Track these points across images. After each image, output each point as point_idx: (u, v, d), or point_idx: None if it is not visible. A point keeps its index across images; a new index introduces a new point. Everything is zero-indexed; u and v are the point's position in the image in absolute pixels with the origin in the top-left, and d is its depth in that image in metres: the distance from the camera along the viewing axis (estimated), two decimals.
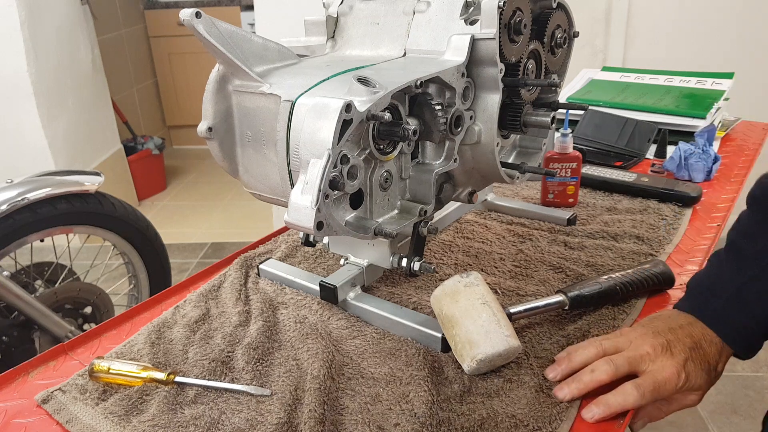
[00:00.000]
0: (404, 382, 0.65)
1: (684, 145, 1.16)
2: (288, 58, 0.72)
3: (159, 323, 0.78)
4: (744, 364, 1.89)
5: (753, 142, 1.36)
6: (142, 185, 3.51)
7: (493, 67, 0.69)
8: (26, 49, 2.46)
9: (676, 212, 1.01)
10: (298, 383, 0.65)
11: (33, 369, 0.73)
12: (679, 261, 0.87)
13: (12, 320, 1.41)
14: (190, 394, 0.65)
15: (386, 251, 0.77)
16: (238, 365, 0.69)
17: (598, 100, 1.41)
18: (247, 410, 0.62)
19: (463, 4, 0.70)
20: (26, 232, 1.41)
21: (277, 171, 0.66)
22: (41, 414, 0.65)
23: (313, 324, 0.75)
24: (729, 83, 1.41)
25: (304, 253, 0.95)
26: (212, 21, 0.62)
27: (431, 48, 0.72)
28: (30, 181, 1.43)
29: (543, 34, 0.77)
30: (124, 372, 0.67)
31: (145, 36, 4.08)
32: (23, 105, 2.53)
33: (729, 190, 1.11)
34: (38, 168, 1.66)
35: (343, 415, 0.61)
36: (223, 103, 0.69)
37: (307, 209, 0.56)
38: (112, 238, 1.58)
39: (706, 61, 2.31)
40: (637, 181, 1.09)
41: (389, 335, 0.73)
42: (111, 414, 0.63)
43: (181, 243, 2.99)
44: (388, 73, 0.65)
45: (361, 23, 0.78)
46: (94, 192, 1.51)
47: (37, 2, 2.53)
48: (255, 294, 0.84)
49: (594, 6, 2.38)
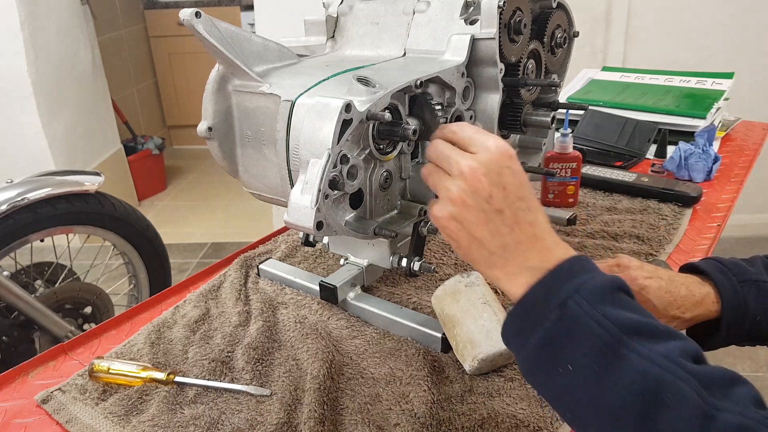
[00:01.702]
0: (404, 382, 0.65)
1: (684, 145, 1.16)
2: (288, 57, 0.72)
3: (159, 323, 0.78)
4: (744, 365, 1.89)
5: (753, 142, 1.36)
6: (142, 185, 3.51)
7: (493, 67, 0.69)
8: (26, 49, 2.46)
9: (676, 212, 1.01)
10: (298, 383, 0.65)
11: (33, 369, 0.73)
12: (680, 261, 0.87)
13: (12, 320, 1.41)
14: (189, 394, 0.65)
15: (386, 251, 0.77)
16: (237, 365, 0.69)
17: (598, 100, 1.41)
18: (247, 410, 0.62)
19: (463, 4, 0.70)
20: (26, 232, 1.41)
21: (276, 171, 0.66)
22: (41, 414, 0.65)
23: (313, 324, 0.75)
24: (729, 83, 1.41)
25: (304, 253, 0.95)
26: (212, 21, 0.62)
27: (431, 48, 0.72)
28: (30, 181, 1.43)
29: (543, 33, 0.77)
30: (123, 372, 0.67)
31: (145, 36, 4.08)
32: (23, 105, 2.53)
33: (729, 190, 1.11)
34: (38, 168, 1.66)
35: (342, 415, 0.61)
36: (222, 103, 0.69)
37: (306, 209, 0.56)
38: (112, 238, 1.58)
39: (706, 61, 2.31)
40: (637, 181, 1.09)
41: (389, 335, 0.73)
42: (111, 414, 0.63)
43: (181, 243, 2.99)
44: (388, 73, 0.65)
45: (361, 23, 0.78)
46: (94, 192, 1.51)
47: (37, 2, 2.52)
48: (255, 294, 0.84)
49: (594, 6, 2.37)
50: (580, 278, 0.47)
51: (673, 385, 0.41)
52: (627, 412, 0.42)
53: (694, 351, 0.44)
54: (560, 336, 0.45)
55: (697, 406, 0.40)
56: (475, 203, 0.50)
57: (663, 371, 0.42)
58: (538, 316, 0.46)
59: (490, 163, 0.50)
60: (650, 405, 0.41)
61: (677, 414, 0.40)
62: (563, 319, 0.45)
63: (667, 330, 0.45)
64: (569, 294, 0.45)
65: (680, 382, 0.41)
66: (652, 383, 0.41)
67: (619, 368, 0.42)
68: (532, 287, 0.48)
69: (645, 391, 0.41)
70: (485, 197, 0.49)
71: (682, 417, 0.40)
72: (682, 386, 0.41)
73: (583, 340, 0.44)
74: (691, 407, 0.40)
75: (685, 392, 0.41)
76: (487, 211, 0.50)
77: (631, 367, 0.42)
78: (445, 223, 0.52)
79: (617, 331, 0.43)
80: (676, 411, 0.40)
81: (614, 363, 0.43)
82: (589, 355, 0.43)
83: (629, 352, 0.43)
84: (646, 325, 0.45)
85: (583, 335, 0.44)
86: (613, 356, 0.43)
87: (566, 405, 0.46)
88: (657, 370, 0.42)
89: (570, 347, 0.45)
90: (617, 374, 0.42)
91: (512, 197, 0.50)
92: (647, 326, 0.45)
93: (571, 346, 0.44)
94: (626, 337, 0.43)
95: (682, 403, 0.40)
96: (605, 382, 0.43)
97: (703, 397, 0.40)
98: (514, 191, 0.50)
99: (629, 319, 0.44)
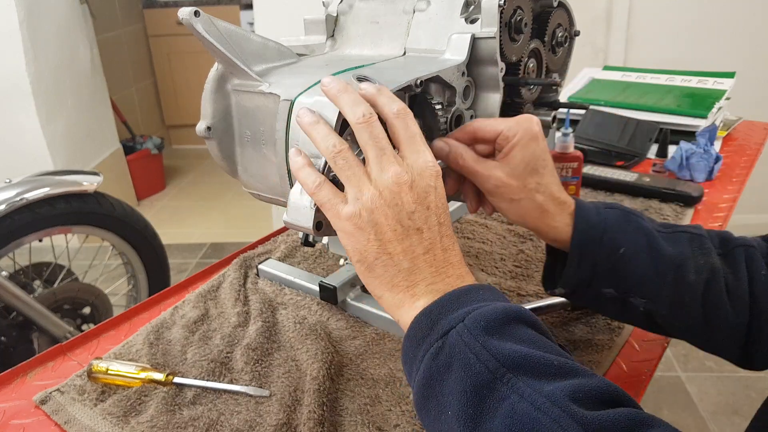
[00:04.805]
0: (404, 383, 0.64)
1: (685, 144, 1.16)
2: (287, 57, 0.71)
3: (158, 324, 0.78)
4: None
5: (754, 141, 1.36)
6: (141, 185, 3.50)
7: (493, 66, 0.69)
8: (25, 49, 2.45)
9: (677, 212, 1.01)
10: (298, 384, 0.65)
11: (31, 369, 0.72)
12: None
13: (10, 321, 1.41)
14: (188, 395, 0.65)
15: None
16: (237, 366, 0.69)
17: (599, 100, 1.41)
18: (246, 411, 0.62)
19: (463, 3, 0.70)
20: (25, 232, 1.41)
21: (276, 170, 0.66)
22: (39, 415, 0.64)
23: (312, 325, 0.75)
24: (730, 83, 1.41)
25: (303, 254, 0.94)
26: (211, 20, 0.61)
27: (431, 47, 0.71)
28: (28, 180, 1.43)
29: (544, 33, 0.77)
30: (122, 373, 0.67)
31: (144, 35, 4.07)
32: (22, 104, 2.53)
33: (730, 189, 1.10)
34: (37, 168, 1.66)
35: (342, 416, 0.61)
36: (221, 102, 0.69)
37: (306, 209, 0.56)
38: (110, 239, 1.58)
39: (707, 60, 2.30)
40: (638, 181, 1.09)
41: (389, 336, 0.73)
42: (109, 415, 0.62)
43: (180, 243, 2.98)
44: (388, 72, 0.65)
45: (360, 22, 0.78)
46: (92, 192, 1.50)
47: (36, 2, 2.52)
48: (254, 294, 0.83)
49: (595, 5, 2.37)
50: (471, 306, 0.42)
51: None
52: None
53: (597, 392, 0.37)
54: (439, 371, 0.40)
55: None
56: (396, 215, 0.45)
57: (541, 415, 0.35)
58: (422, 347, 0.41)
59: (421, 179, 0.46)
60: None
61: None
62: (442, 353, 0.40)
63: (566, 366, 0.39)
64: (454, 323, 0.40)
65: (558, 429, 0.34)
66: (526, 429, 0.35)
67: (495, 411, 0.37)
68: (421, 313, 0.43)
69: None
70: (408, 212, 0.45)
71: None
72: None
73: (460, 377, 0.38)
74: None
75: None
76: (406, 227, 0.45)
77: (506, 409, 0.36)
78: (353, 228, 0.46)
79: (497, 365, 0.38)
80: None
81: (490, 405, 0.37)
82: (465, 395, 0.38)
83: (509, 391, 0.37)
84: (536, 360, 0.38)
85: (460, 370, 0.38)
86: (490, 396, 0.37)
87: None
88: (534, 414, 0.35)
89: (448, 386, 0.39)
90: (493, 419, 0.36)
91: (434, 220, 0.46)
92: (537, 361, 0.38)
93: (449, 385, 0.39)
94: (509, 373, 0.37)
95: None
96: (479, 427, 0.37)
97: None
98: (436, 213, 0.46)
99: (516, 353, 0.38)
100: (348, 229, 0.46)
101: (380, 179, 0.46)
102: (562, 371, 0.38)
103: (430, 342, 0.41)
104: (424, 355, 0.41)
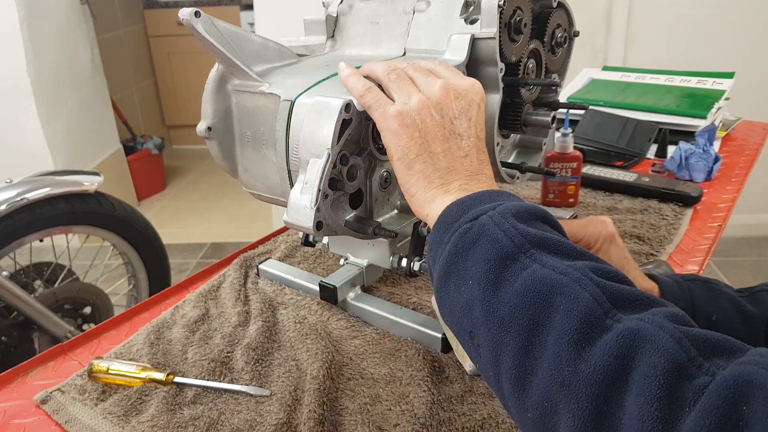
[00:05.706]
0: (404, 383, 0.65)
1: (685, 144, 1.16)
2: (287, 57, 0.71)
3: (158, 323, 0.78)
4: None
5: (754, 141, 1.36)
6: (142, 185, 3.50)
7: (493, 67, 0.69)
8: (25, 49, 2.46)
9: (676, 212, 1.01)
10: (298, 384, 0.65)
11: (32, 369, 0.72)
12: (680, 261, 0.87)
13: (11, 320, 1.41)
14: (189, 395, 0.65)
15: (386, 251, 0.76)
16: (237, 365, 0.69)
17: (599, 100, 1.41)
18: (247, 411, 0.62)
19: (463, 4, 0.70)
20: (25, 232, 1.41)
21: (276, 171, 0.66)
22: (40, 414, 0.65)
23: (312, 324, 0.75)
24: (730, 83, 1.41)
25: (303, 253, 0.94)
26: (211, 20, 0.62)
27: (431, 47, 0.71)
28: (29, 181, 1.43)
29: (543, 33, 0.77)
30: (123, 372, 0.67)
31: (144, 35, 4.07)
32: (22, 105, 2.53)
33: (730, 190, 1.11)
34: (37, 168, 1.65)
35: (342, 415, 0.61)
36: (222, 102, 0.69)
37: (306, 209, 0.56)
38: (111, 238, 1.58)
39: (706, 60, 2.30)
40: (637, 181, 1.09)
41: (389, 335, 0.73)
42: (110, 414, 0.62)
43: (180, 243, 2.98)
44: None
45: (360, 22, 0.78)
46: (93, 192, 1.51)
47: (37, 2, 2.52)
48: (254, 294, 0.84)
49: (594, 5, 2.37)
50: (501, 201, 0.44)
51: (568, 289, 0.35)
52: (515, 322, 0.36)
53: (620, 276, 0.38)
54: (465, 247, 0.41)
55: (592, 313, 0.34)
56: (440, 118, 0.48)
57: (561, 276, 0.36)
58: (450, 229, 0.43)
59: (466, 92, 0.49)
60: (540, 311, 0.35)
61: (567, 320, 0.34)
62: (471, 231, 0.41)
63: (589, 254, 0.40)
64: (485, 211, 0.42)
65: (578, 287, 0.35)
66: (547, 288, 0.36)
67: (517, 277, 0.37)
68: (453, 202, 0.45)
69: (537, 297, 0.36)
70: (451, 117, 0.48)
71: (573, 323, 0.34)
72: (579, 291, 0.35)
73: (486, 248, 0.40)
74: (584, 312, 0.34)
75: (580, 297, 0.35)
76: (448, 130, 0.48)
77: (528, 274, 0.37)
78: (399, 126, 0.48)
79: (523, 240, 0.39)
80: (566, 317, 0.34)
81: (512, 272, 0.38)
82: (489, 263, 0.39)
83: (531, 262, 0.38)
84: (562, 243, 0.39)
85: (487, 243, 0.40)
86: (513, 264, 0.38)
87: (467, 329, 0.40)
88: (555, 275, 0.36)
89: (472, 258, 0.40)
90: (513, 283, 0.37)
91: (473, 131, 0.49)
92: (562, 244, 0.39)
93: (474, 257, 0.40)
94: (532, 248, 0.39)
95: (575, 307, 0.34)
96: (500, 293, 0.38)
97: (603, 306, 0.34)
98: (476, 127, 0.50)
99: (542, 235, 0.40)
100: (393, 127, 0.49)
101: (428, 88, 0.49)
102: (586, 256, 0.40)
103: (459, 224, 0.43)
104: (452, 235, 0.42)
